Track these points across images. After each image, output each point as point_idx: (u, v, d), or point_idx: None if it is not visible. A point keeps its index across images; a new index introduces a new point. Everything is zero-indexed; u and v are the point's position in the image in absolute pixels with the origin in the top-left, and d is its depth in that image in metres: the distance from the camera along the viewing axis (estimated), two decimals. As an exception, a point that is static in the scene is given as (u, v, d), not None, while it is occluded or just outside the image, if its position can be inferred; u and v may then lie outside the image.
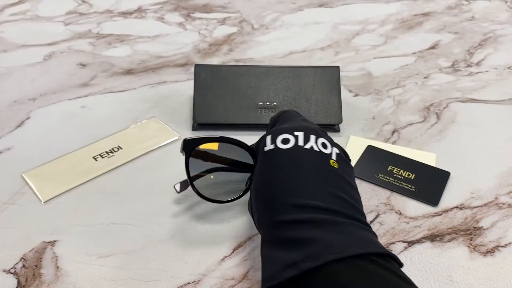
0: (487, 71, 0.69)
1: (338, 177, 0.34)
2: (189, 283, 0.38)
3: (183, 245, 0.41)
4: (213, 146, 0.43)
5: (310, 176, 0.33)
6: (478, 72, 0.69)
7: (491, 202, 0.46)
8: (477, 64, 0.71)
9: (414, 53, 0.74)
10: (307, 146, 0.34)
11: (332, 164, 0.34)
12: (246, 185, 0.42)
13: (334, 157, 0.35)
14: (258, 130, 0.55)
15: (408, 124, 0.57)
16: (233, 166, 0.43)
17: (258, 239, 0.42)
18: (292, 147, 0.34)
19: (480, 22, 0.85)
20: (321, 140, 0.35)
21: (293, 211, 0.32)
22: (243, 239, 0.42)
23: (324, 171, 0.34)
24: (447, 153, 0.53)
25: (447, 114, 0.59)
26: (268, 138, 0.36)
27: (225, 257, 0.40)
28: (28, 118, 0.57)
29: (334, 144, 0.37)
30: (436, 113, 0.59)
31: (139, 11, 0.86)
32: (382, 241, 0.42)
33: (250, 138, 0.54)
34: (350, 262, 0.28)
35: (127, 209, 0.44)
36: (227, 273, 0.39)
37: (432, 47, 0.76)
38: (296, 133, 0.35)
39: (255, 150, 0.39)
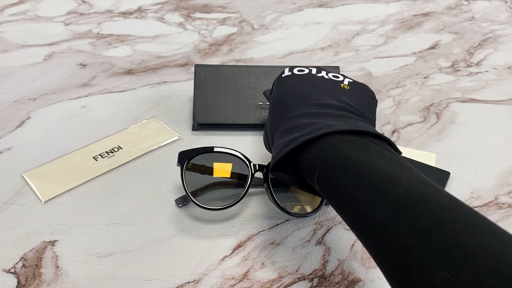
0: (487, 71, 0.69)
1: (349, 93, 0.38)
2: (189, 282, 0.38)
3: (183, 244, 0.41)
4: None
5: (322, 88, 0.38)
6: (478, 72, 0.69)
7: (491, 202, 0.46)
8: (477, 64, 0.71)
9: (414, 53, 0.74)
10: (319, 74, 0.40)
11: (342, 86, 0.39)
12: (246, 186, 0.42)
13: (346, 82, 0.40)
14: (258, 130, 0.55)
15: (408, 124, 0.57)
16: (230, 177, 0.45)
17: (258, 239, 0.42)
18: (306, 73, 0.40)
19: (480, 22, 0.85)
20: (331, 73, 0.41)
21: (305, 107, 0.36)
22: (243, 239, 0.42)
23: (335, 87, 0.39)
24: (447, 153, 0.53)
25: (447, 114, 0.59)
26: (286, 69, 0.42)
27: (225, 256, 0.40)
28: (28, 118, 0.57)
29: (348, 77, 0.42)
30: (436, 113, 0.59)
31: (139, 11, 0.86)
32: (382, 241, 0.42)
33: (250, 138, 0.54)
34: (346, 136, 0.32)
35: (127, 209, 0.44)
36: (227, 272, 0.39)
37: (432, 47, 0.76)
38: (310, 68, 0.42)
39: (271, 91, 0.44)
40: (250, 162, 0.42)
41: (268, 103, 0.55)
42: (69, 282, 0.37)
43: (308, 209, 0.43)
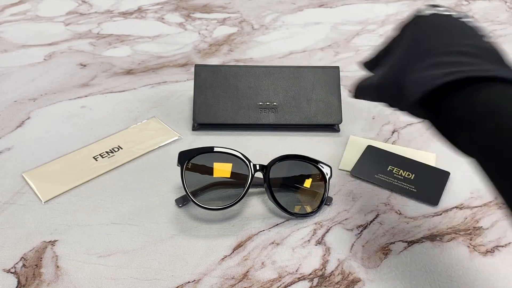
0: (487, 71, 0.69)
1: (492, 48, 0.33)
2: (189, 282, 0.38)
3: (183, 244, 0.41)
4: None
5: (469, 35, 0.33)
6: (478, 72, 0.69)
7: (490, 202, 0.46)
8: (477, 64, 0.71)
9: (414, 53, 0.74)
10: (465, 19, 0.34)
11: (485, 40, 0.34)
12: (246, 186, 0.42)
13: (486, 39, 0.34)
14: (258, 130, 0.55)
15: (408, 124, 0.57)
16: (230, 177, 0.45)
17: (258, 239, 0.42)
18: (451, 15, 0.34)
19: (480, 22, 0.85)
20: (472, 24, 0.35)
21: (455, 46, 0.30)
22: (243, 239, 0.42)
23: (479, 39, 0.33)
24: (447, 153, 0.52)
25: (447, 114, 0.59)
26: (426, 6, 0.36)
27: (225, 256, 0.40)
28: (28, 118, 0.57)
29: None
30: (436, 113, 0.59)
31: (139, 11, 0.86)
32: (382, 240, 0.42)
33: (250, 138, 0.54)
34: None
35: (127, 209, 0.44)
36: (227, 272, 0.39)
37: (432, 47, 0.76)
38: (452, 12, 0.36)
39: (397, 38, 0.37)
40: (250, 162, 0.42)
41: (268, 103, 0.55)
42: (69, 282, 0.37)
43: (308, 209, 0.43)
